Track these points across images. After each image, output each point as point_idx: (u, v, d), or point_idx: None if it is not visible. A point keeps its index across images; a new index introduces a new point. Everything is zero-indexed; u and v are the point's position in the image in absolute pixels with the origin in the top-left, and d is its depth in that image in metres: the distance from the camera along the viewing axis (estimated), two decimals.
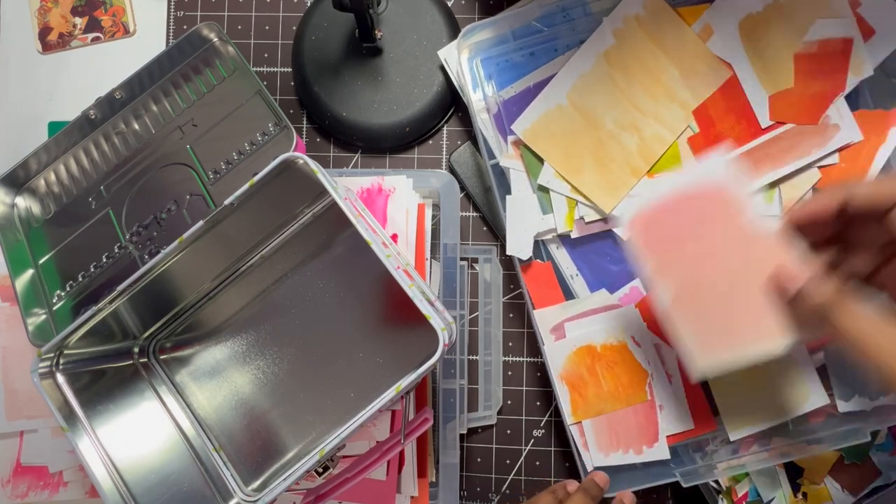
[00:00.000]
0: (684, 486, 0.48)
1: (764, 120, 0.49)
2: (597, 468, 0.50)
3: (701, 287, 0.40)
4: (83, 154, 0.59)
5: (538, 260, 0.52)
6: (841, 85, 0.48)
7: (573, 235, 0.51)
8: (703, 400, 0.49)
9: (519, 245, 0.51)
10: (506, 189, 0.52)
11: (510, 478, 0.58)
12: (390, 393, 0.44)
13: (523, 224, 0.51)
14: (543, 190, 0.52)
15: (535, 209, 0.52)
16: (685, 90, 0.50)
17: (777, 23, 0.49)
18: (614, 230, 0.51)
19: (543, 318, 0.52)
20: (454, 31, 0.59)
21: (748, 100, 0.49)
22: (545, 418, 0.58)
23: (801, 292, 0.34)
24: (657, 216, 0.41)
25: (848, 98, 0.48)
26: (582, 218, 0.51)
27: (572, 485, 0.48)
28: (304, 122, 0.62)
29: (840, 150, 0.48)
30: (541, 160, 0.51)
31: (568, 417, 0.51)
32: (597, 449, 0.50)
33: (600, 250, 0.52)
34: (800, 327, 0.35)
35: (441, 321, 0.41)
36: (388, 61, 0.59)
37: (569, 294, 0.53)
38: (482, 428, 0.58)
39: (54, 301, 0.56)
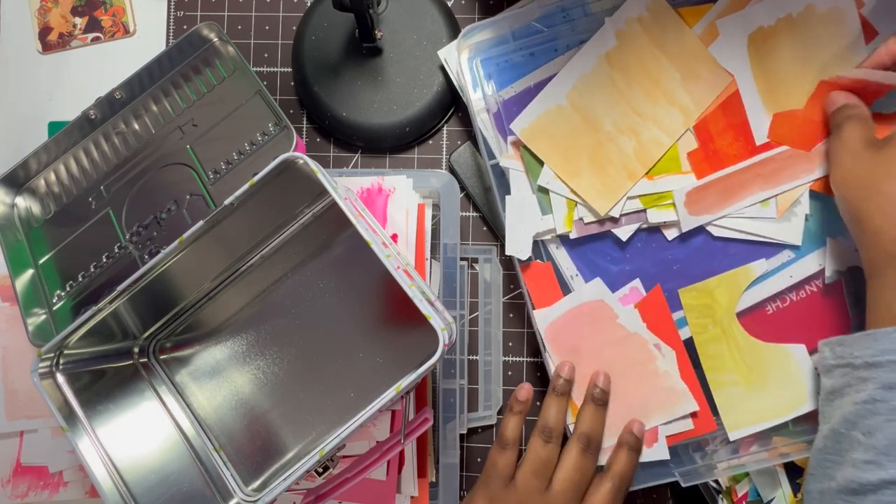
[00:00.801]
0: (683, 485, 0.48)
1: (760, 136, 0.49)
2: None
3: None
4: (83, 154, 0.59)
5: (538, 260, 0.52)
6: None
7: (572, 236, 0.51)
8: (703, 401, 0.49)
9: (518, 245, 0.51)
10: (506, 189, 0.52)
11: None
12: (390, 393, 0.44)
13: (522, 224, 0.51)
14: (543, 191, 0.52)
15: (535, 210, 0.52)
16: (685, 94, 0.50)
17: (788, 39, 0.48)
18: (613, 231, 0.51)
19: (543, 318, 0.52)
20: (454, 31, 0.59)
21: (746, 113, 0.49)
22: None
23: (832, 111, 0.45)
24: (561, 326, 0.51)
25: None
26: (581, 219, 0.51)
27: (523, 391, 0.50)
28: (304, 122, 0.62)
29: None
30: (541, 161, 0.51)
31: (568, 417, 0.51)
32: None
33: (600, 251, 0.52)
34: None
35: (441, 321, 0.41)
36: (388, 61, 0.59)
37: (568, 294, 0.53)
38: (482, 428, 0.58)
39: (54, 301, 0.56)
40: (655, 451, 0.49)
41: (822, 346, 0.42)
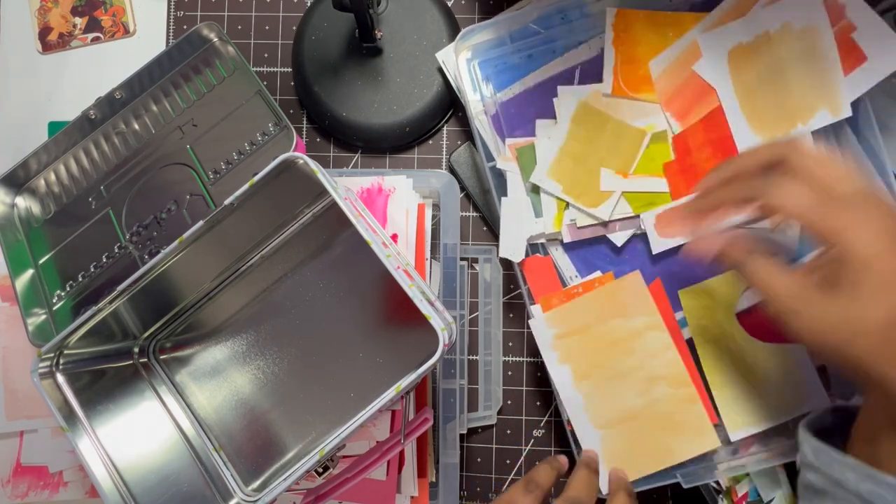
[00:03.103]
0: (684, 486, 0.48)
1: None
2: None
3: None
4: (83, 154, 0.59)
5: (537, 254, 0.53)
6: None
7: (564, 240, 0.52)
8: (703, 392, 0.49)
9: (512, 248, 0.51)
10: (503, 191, 0.53)
11: (510, 478, 0.58)
12: (390, 393, 0.44)
13: (517, 226, 0.51)
14: (536, 191, 0.52)
15: (529, 212, 0.52)
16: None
17: (767, 56, 0.48)
18: (608, 237, 0.51)
19: (539, 323, 0.51)
20: (454, 31, 0.59)
21: (730, 130, 0.49)
22: (545, 418, 0.58)
23: (720, 254, 0.40)
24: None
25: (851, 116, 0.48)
26: (573, 222, 0.51)
27: (563, 458, 0.48)
28: (304, 122, 0.62)
29: None
30: (534, 162, 0.52)
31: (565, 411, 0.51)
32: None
33: (599, 252, 0.52)
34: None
35: (441, 321, 0.41)
36: (388, 61, 0.59)
37: None
38: (482, 428, 0.58)
39: (54, 301, 0.56)
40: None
41: (802, 439, 0.39)
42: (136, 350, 0.53)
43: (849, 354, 0.35)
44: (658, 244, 0.50)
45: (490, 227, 0.60)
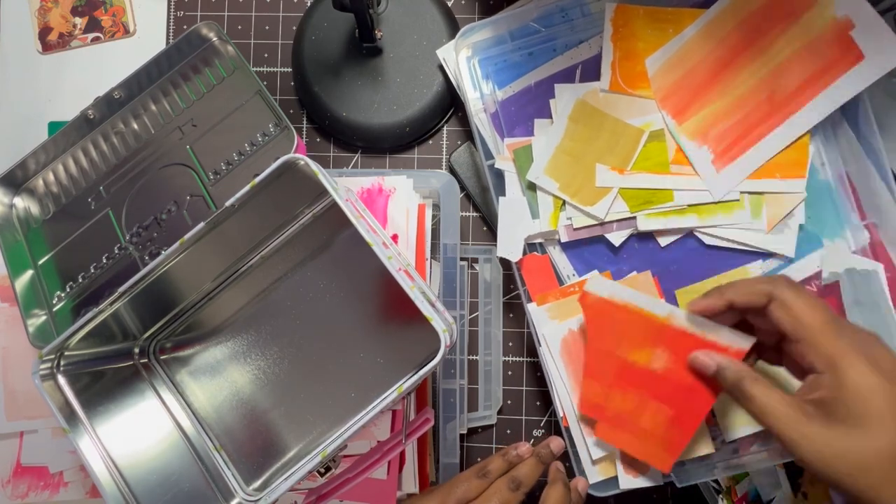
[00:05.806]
0: (678, 485, 0.48)
1: None
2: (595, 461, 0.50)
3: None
4: (82, 154, 0.59)
5: (534, 252, 0.53)
6: None
7: (562, 240, 0.52)
8: None
9: (509, 247, 0.51)
10: (502, 191, 0.53)
11: None
12: (392, 394, 0.44)
13: (514, 227, 0.51)
14: (533, 189, 0.52)
15: (527, 212, 0.52)
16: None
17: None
18: (606, 236, 0.51)
19: (539, 314, 0.52)
20: (454, 30, 0.59)
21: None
22: (545, 418, 0.58)
23: (718, 371, 0.41)
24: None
25: (847, 111, 0.48)
26: (570, 221, 0.51)
27: (523, 447, 0.49)
28: (304, 122, 0.62)
29: None
30: (531, 162, 0.52)
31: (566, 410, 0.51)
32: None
33: (597, 252, 0.52)
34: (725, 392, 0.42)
35: (443, 322, 0.42)
36: (388, 61, 0.59)
37: None
38: (482, 428, 0.58)
39: (54, 302, 0.56)
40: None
41: None
42: (137, 350, 0.53)
43: (852, 487, 0.35)
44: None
45: (490, 227, 0.60)
